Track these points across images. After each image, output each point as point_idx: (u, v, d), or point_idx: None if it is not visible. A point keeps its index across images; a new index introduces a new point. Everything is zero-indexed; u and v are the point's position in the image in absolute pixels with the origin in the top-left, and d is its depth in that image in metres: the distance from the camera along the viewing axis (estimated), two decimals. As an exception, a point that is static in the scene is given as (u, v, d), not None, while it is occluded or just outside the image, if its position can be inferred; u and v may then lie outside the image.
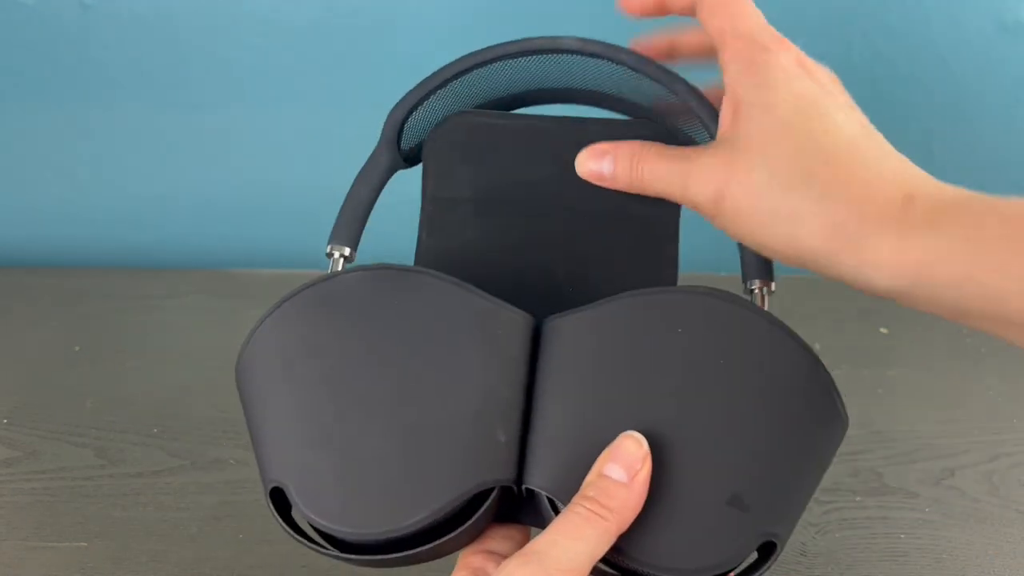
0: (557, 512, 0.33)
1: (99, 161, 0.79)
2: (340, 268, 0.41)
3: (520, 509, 0.36)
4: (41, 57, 0.74)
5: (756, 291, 0.38)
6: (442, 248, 0.41)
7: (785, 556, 0.52)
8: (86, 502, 0.55)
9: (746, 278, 0.39)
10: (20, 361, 0.68)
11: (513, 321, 0.36)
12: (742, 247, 0.38)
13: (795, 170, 0.32)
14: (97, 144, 0.78)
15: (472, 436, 0.33)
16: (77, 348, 0.69)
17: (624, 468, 0.31)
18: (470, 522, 0.33)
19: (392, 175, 0.42)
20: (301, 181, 0.79)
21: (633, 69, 0.40)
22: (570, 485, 0.33)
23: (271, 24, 0.72)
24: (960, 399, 0.66)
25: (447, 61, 0.42)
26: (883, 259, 0.31)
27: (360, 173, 0.42)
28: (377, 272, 0.37)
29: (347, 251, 0.41)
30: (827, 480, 0.58)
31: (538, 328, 0.37)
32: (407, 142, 0.42)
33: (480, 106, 0.43)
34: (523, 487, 0.34)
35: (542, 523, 0.34)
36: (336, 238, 0.41)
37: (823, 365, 0.35)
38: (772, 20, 0.38)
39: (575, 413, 0.34)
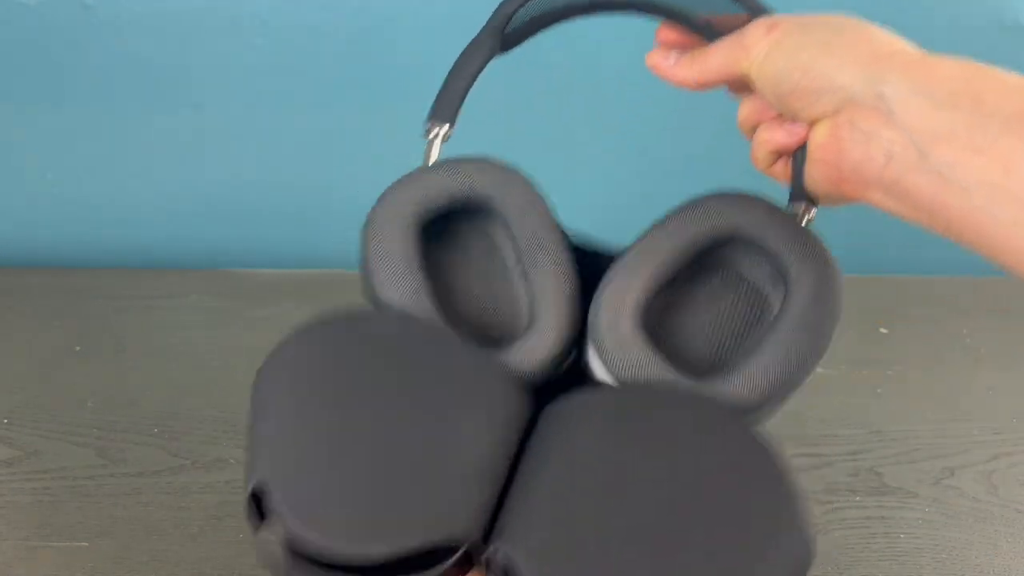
0: None
1: (99, 161, 0.79)
2: (438, 147, 0.43)
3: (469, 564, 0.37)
4: (41, 57, 0.74)
5: (799, 213, 0.41)
6: None
7: (785, 556, 0.52)
8: (87, 502, 0.55)
9: (792, 199, 0.41)
10: (20, 361, 0.68)
11: (522, 399, 0.39)
12: (793, 178, 0.41)
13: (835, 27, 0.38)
14: (97, 144, 0.78)
15: (458, 493, 0.34)
16: (77, 348, 0.69)
17: None
18: (432, 571, 0.34)
19: (490, 60, 0.44)
20: (301, 181, 0.79)
21: None
22: (539, 559, 0.33)
23: (271, 24, 0.72)
24: (960, 399, 0.66)
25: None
26: (898, 65, 0.34)
27: (462, 56, 0.43)
28: (409, 320, 0.39)
29: (446, 128, 0.43)
30: (827, 480, 0.58)
31: (536, 411, 0.39)
32: (509, 32, 0.44)
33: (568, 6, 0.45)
34: (489, 552, 0.34)
35: None
36: (437, 115, 0.43)
37: (802, 492, 0.35)
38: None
39: (556, 493, 0.35)
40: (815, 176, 0.39)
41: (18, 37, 0.72)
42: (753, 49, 0.39)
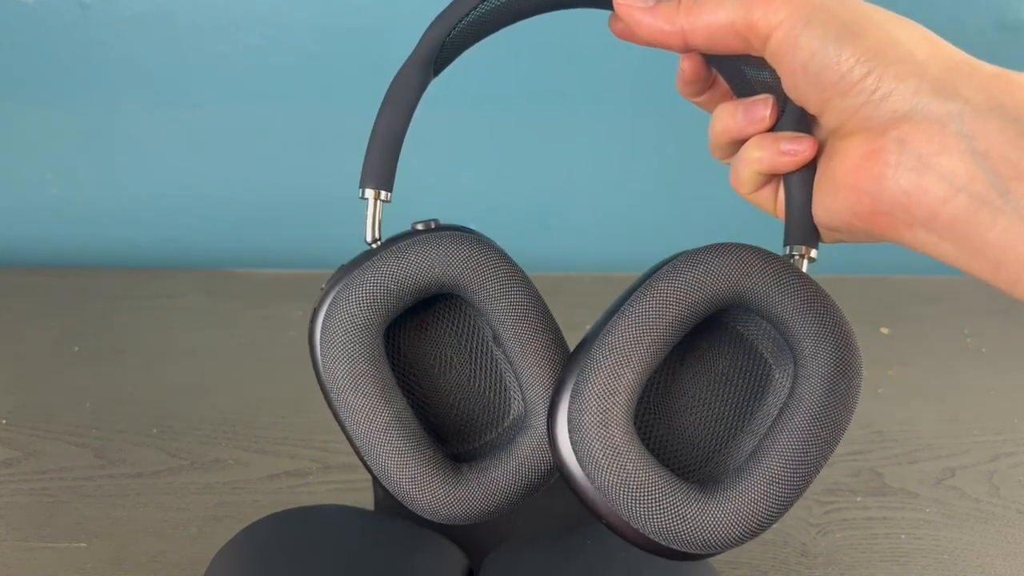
0: None
1: (99, 161, 0.79)
2: (378, 213, 0.37)
3: None
4: (41, 57, 0.74)
5: (798, 257, 0.35)
6: None
7: (786, 556, 0.52)
8: (86, 502, 0.55)
9: (788, 243, 0.35)
10: (20, 361, 0.67)
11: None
12: (789, 210, 0.35)
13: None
14: (97, 144, 0.78)
15: None
16: (77, 348, 0.69)
17: None
18: None
19: (422, 94, 0.38)
20: (301, 181, 0.79)
21: None
22: None
23: (271, 24, 0.72)
24: (960, 399, 0.66)
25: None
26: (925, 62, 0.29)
27: (387, 100, 0.37)
28: (352, 512, 0.44)
29: (384, 194, 0.36)
30: (828, 480, 0.58)
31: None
32: (440, 58, 0.38)
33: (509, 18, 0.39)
34: None
35: None
36: (369, 179, 0.36)
37: None
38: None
39: None
40: (835, 205, 0.32)
41: (18, 37, 0.72)
42: (788, 2, 0.30)
